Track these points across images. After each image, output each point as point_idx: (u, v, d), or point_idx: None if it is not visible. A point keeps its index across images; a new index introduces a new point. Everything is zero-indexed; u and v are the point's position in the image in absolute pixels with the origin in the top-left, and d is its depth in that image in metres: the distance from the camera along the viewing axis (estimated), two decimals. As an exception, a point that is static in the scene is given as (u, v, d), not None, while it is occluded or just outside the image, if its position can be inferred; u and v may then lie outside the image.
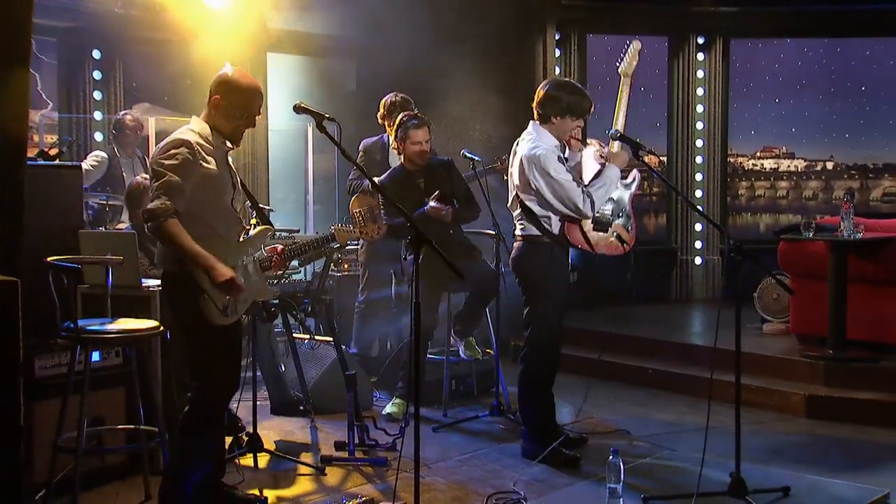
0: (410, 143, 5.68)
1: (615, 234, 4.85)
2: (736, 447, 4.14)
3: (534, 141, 4.74)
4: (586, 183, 4.75)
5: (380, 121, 6.37)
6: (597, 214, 4.76)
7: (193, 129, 3.86)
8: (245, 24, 7.31)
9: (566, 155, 4.85)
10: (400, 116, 5.77)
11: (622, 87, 4.85)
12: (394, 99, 6.31)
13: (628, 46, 4.98)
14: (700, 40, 9.37)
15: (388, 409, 5.73)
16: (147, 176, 5.56)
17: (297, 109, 4.09)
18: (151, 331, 4.09)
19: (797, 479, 4.46)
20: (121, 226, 6.51)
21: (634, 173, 4.99)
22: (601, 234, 4.81)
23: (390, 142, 6.03)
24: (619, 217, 4.86)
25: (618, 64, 4.94)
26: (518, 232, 4.89)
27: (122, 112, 6.96)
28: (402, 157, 5.79)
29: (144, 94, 7.48)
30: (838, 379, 6.03)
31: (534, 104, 4.85)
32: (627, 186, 4.91)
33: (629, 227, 4.91)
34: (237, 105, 3.92)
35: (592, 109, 4.87)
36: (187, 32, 7.00)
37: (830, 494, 4.35)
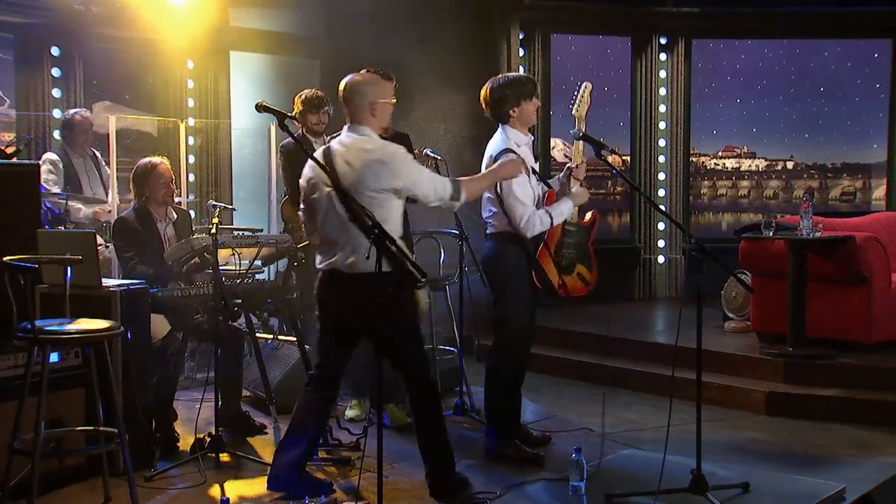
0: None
1: (577, 273, 4.90)
2: (697, 444, 4.17)
3: (504, 143, 4.77)
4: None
5: (296, 115, 5.95)
6: (562, 260, 4.82)
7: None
8: (208, 22, 7.25)
9: (530, 142, 4.92)
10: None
11: (578, 126, 4.81)
12: (313, 94, 6.05)
13: (580, 88, 4.96)
14: (662, 40, 9.45)
15: (349, 413, 5.70)
16: (157, 159, 5.49)
17: (259, 108, 4.06)
18: (111, 331, 4.03)
19: (757, 475, 4.50)
20: (100, 209, 6.40)
21: (594, 215, 5.00)
22: (567, 276, 4.86)
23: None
24: (580, 259, 4.90)
25: (570, 106, 4.92)
26: (489, 230, 4.90)
27: (71, 111, 6.82)
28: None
29: (105, 91, 7.38)
30: (798, 376, 6.10)
31: (487, 110, 4.88)
32: (587, 229, 4.94)
33: (590, 267, 4.95)
34: (381, 97, 4.25)
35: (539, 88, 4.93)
36: (149, 30, 6.93)
37: (789, 490, 4.40)
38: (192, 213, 7.18)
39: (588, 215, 4.96)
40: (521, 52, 8.94)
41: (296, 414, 4.39)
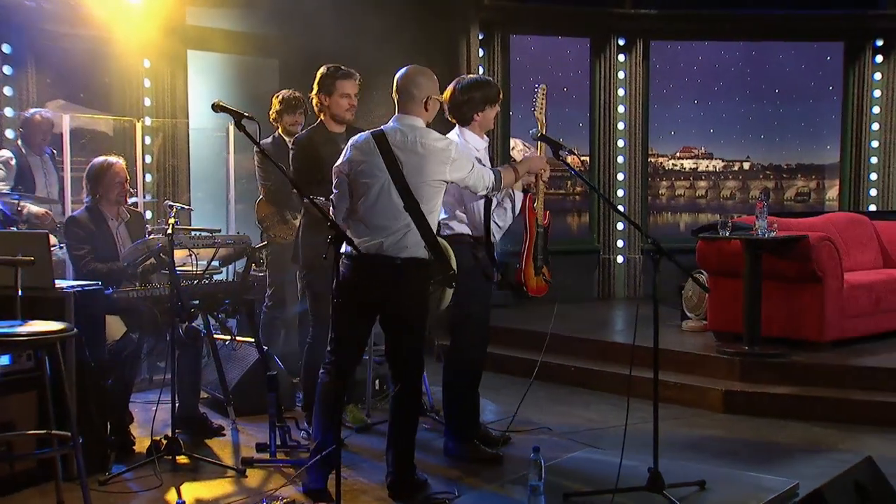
0: (339, 94, 5.22)
1: (542, 275, 5.00)
2: (654, 443, 4.18)
3: (462, 147, 4.75)
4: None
5: (272, 117, 6.06)
6: (537, 263, 4.93)
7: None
8: (164, 21, 7.16)
9: (487, 145, 4.94)
10: (323, 68, 5.32)
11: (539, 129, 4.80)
12: (290, 94, 6.06)
13: (536, 90, 4.97)
14: (621, 42, 9.50)
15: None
16: (113, 158, 5.40)
17: (216, 108, 4.01)
18: (64, 333, 3.96)
19: (713, 473, 4.52)
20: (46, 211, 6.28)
21: (548, 215, 5.05)
22: (536, 278, 4.97)
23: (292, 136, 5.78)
24: (545, 261, 5.00)
25: (532, 109, 4.93)
26: (444, 232, 4.88)
27: (31, 110, 6.72)
28: (322, 115, 5.31)
29: (59, 90, 7.24)
30: (753, 374, 6.16)
31: (449, 112, 4.88)
32: (546, 229, 5.00)
33: (550, 267, 5.04)
34: (436, 93, 4.36)
35: (501, 97, 4.95)
36: (103, 27, 6.81)
37: (743, 486, 4.43)
38: (149, 213, 7.10)
39: (546, 216, 5.01)
40: (481, 53, 8.95)
41: (318, 407, 4.33)
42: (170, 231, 4.76)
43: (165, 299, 4.89)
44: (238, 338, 5.89)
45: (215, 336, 5.61)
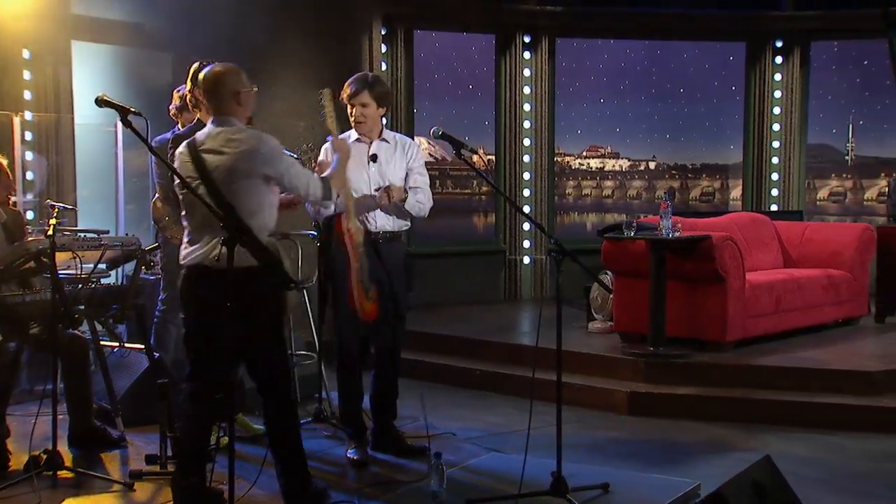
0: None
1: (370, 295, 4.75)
2: (557, 446, 4.17)
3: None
4: None
5: (173, 112, 5.91)
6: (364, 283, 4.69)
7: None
8: (46, 9, 6.80)
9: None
10: (195, 63, 5.03)
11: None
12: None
13: (321, 99, 4.68)
14: (526, 39, 9.45)
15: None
16: None
17: (100, 103, 3.81)
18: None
19: (616, 476, 4.53)
20: None
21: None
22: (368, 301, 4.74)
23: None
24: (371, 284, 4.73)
25: (321, 118, 4.66)
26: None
27: None
28: (197, 111, 5.10)
29: (-73, 83, 6.80)
30: (657, 376, 6.17)
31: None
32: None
33: (370, 295, 4.73)
34: (244, 86, 4.16)
35: (350, 94, 4.84)
36: (-23, 16, 6.43)
37: (646, 488, 4.44)
38: (31, 213, 6.75)
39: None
40: (384, 48, 8.79)
41: (183, 436, 4.17)
42: (50, 232, 4.55)
43: (47, 305, 4.64)
44: (127, 344, 5.67)
45: (103, 343, 5.38)
